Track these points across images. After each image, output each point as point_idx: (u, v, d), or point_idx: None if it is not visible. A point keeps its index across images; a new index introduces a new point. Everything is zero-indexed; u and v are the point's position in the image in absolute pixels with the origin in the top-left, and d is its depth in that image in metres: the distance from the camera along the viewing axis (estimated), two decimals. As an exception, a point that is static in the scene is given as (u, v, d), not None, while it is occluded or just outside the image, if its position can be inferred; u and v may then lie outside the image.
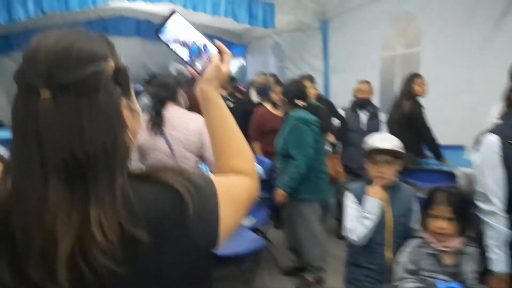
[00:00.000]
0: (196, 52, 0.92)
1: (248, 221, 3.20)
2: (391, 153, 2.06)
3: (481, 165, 1.89)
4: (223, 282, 3.28)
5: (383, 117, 4.35)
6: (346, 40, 6.27)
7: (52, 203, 0.61)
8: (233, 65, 8.55)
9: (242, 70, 8.94)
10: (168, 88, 2.51)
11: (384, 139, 2.15)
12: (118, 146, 0.66)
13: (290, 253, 3.72)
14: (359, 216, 2.02)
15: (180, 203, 0.69)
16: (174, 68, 6.41)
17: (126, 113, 0.70)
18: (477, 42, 4.72)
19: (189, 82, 4.91)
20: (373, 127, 4.27)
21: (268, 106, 4.25)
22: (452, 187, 2.03)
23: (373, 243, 2.03)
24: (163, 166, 0.74)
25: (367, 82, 4.54)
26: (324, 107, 3.80)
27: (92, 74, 0.64)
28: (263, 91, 5.60)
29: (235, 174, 0.86)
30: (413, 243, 1.93)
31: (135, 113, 0.74)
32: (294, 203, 3.30)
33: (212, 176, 0.79)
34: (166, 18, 0.90)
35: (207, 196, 0.74)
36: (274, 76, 6.28)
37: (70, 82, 0.62)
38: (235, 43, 8.56)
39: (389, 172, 2.07)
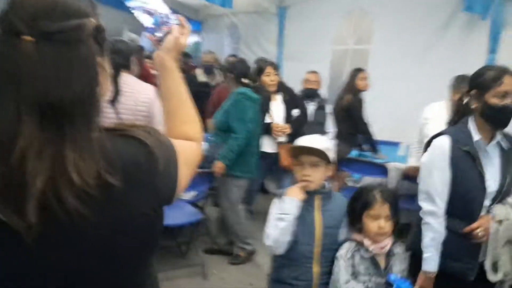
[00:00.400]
0: (159, 21, 0.97)
1: (189, 195, 3.25)
2: (318, 155, 1.85)
3: (430, 165, 1.89)
4: (158, 254, 3.31)
5: (329, 109, 4.47)
6: (301, 29, 6.34)
7: (23, 139, 0.63)
8: (189, 41, 8.39)
9: (196, 47, 8.80)
10: (122, 56, 2.46)
11: (310, 140, 1.93)
12: (94, 98, 0.71)
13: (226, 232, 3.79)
14: (276, 219, 1.83)
15: (151, 158, 0.76)
16: (127, 36, 6.25)
17: (100, 70, 0.74)
18: (425, 45, 4.98)
19: (140, 52, 4.80)
20: (320, 118, 4.38)
21: None
22: (380, 185, 1.96)
23: (299, 256, 1.84)
24: (134, 124, 0.81)
25: (315, 72, 4.61)
26: (266, 92, 3.82)
27: (75, 27, 0.68)
28: (210, 70, 5.60)
29: (185, 139, 0.93)
30: (347, 246, 1.82)
31: (106, 73, 0.79)
32: (223, 178, 3.37)
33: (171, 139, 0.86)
34: None
35: (171, 155, 0.82)
36: (234, 56, 6.27)
37: (54, 31, 0.66)
38: (191, 19, 8.39)
39: (315, 175, 1.87)
